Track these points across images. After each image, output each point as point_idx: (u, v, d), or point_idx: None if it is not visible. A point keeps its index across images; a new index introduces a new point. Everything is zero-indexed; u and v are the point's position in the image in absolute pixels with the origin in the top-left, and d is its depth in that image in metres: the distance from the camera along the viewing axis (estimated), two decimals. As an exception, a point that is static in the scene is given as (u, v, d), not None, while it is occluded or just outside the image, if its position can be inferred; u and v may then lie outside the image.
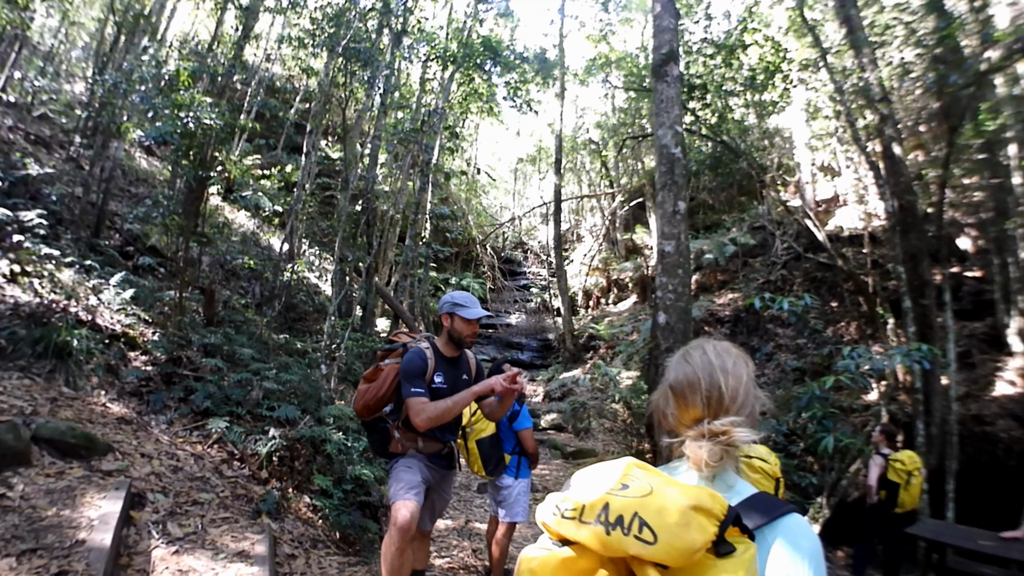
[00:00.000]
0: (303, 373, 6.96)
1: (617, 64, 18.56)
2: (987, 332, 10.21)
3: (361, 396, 3.28)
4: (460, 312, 3.13)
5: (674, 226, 7.12)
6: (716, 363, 1.11)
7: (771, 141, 17.27)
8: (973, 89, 8.26)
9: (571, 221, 26.42)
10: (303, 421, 5.38)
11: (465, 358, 3.34)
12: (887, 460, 5.92)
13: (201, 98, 6.88)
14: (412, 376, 3.01)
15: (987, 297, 10.40)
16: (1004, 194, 9.33)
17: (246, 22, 9.88)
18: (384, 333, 12.64)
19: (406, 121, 12.88)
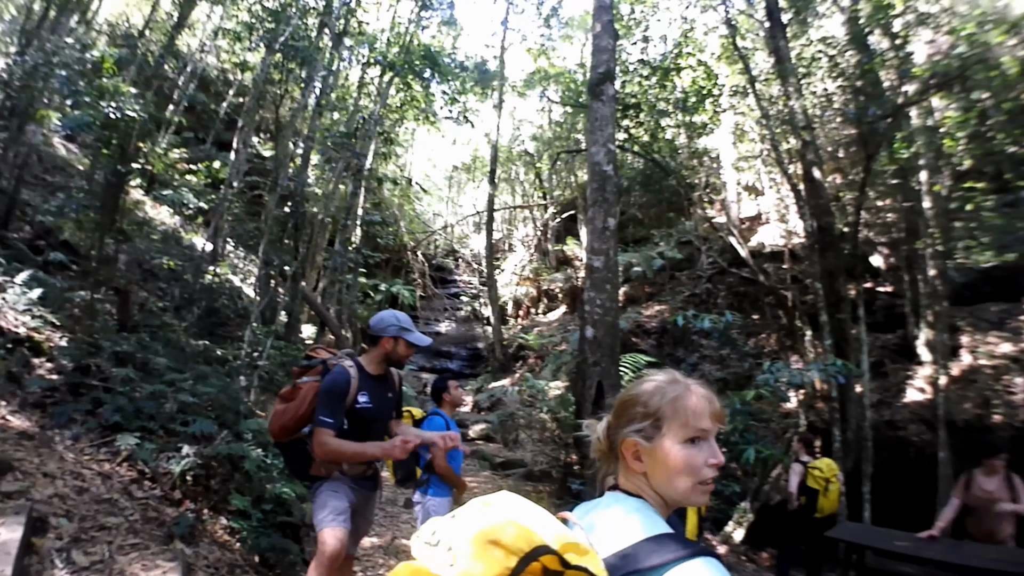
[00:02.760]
0: (222, 384, 6.62)
1: (555, 79, 18.88)
2: (898, 343, 11.00)
3: (278, 417, 3.12)
4: (408, 337, 3.07)
5: (604, 242, 7.27)
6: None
7: (700, 161, 17.99)
8: (890, 120, 8.89)
9: (503, 231, 26.53)
10: (220, 436, 5.09)
11: (390, 376, 3.27)
12: (806, 468, 6.25)
13: (126, 87, 6.48)
14: (331, 400, 2.91)
15: (898, 311, 11.19)
16: (915, 216, 10.06)
17: (182, 10, 9.39)
18: (310, 340, 12.24)
19: (341, 123, 12.60)
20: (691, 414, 1.05)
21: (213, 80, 12.78)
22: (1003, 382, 8.71)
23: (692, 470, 1.03)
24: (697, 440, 1.05)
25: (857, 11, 10.46)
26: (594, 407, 6.55)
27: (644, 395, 1.10)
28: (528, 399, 13.54)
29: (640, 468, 1.08)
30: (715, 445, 1.07)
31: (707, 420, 1.05)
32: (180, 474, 4.37)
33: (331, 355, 3.31)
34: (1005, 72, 8.02)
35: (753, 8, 13.26)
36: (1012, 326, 9.57)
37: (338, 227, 13.16)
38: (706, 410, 1.06)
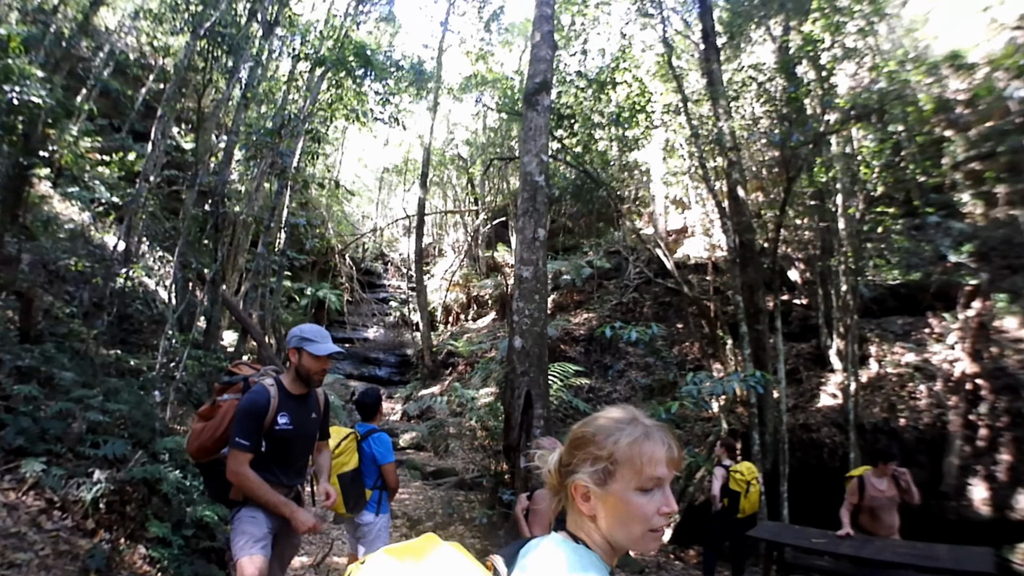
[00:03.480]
0: (135, 399, 6.11)
1: (492, 84, 18.77)
2: (812, 352, 11.66)
3: (196, 436, 2.90)
4: (308, 348, 2.88)
5: (533, 252, 7.25)
6: None
7: (630, 174, 18.40)
8: (811, 146, 9.37)
9: (434, 235, 26.17)
10: (134, 458, 4.68)
11: (314, 396, 3.09)
12: (728, 471, 6.52)
13: (33, 70, 5.78)
14: (247, 420, 2.74)
15: (812, 322, 11.90)
16: (830, 235, 10.69)
17: None
18: (231, 348, 11.51)
19: (268, 118, 11.92)
20: (647, 461, 0.99)
21: (131, 64, 11.75)
22: (908, 389, 9.41)
23: (643, 519, 0.99)
24: (651, 489, 1.00)
25: (787, 41, 10.99)
26: (523, 417, 6.59)
27: (600, 435, 1.03)
28: (457, 408, 13.36)
29: (589, 511, 1.02)
30: (669, 492, 1.02)
31: (663, 468, 1.00)
32: (92, 501, 4.01)
33: (254, 371, 3.12)
34: (920, 108, 8.60)
35: (690, 30, 13.69)
36: (916, 338, 10.35)
37: (262, 228, 12.44)
38: (663, 457, 1.00)
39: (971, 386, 8.48)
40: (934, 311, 10.46)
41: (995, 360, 8.53)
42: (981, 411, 8.30)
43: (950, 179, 11.17)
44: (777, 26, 11.22)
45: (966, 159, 10.87)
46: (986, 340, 8.62)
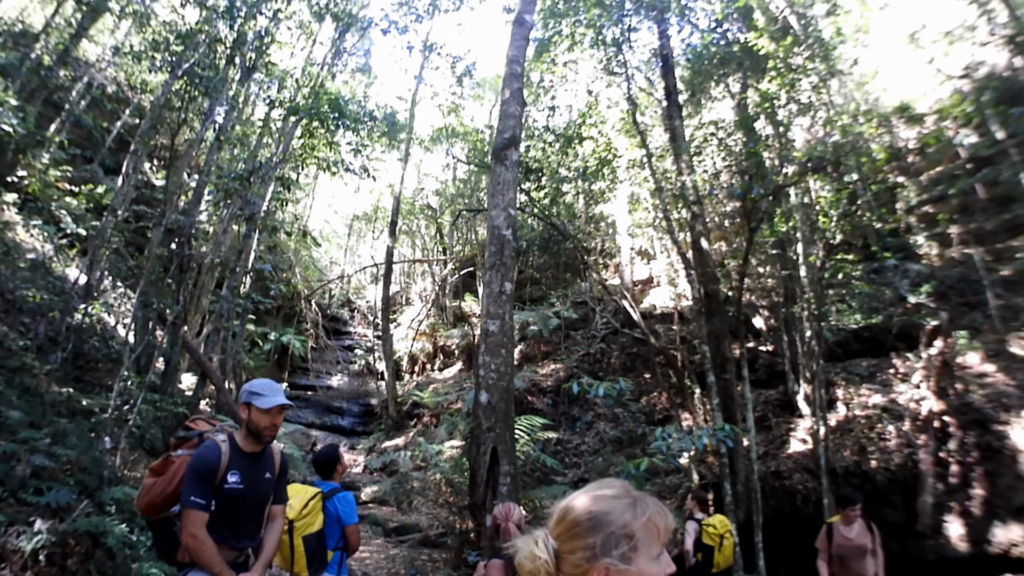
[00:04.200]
0: (84, 443, 5.76)
1: (463, 137, 19.18)
2: (779, 398, 11.78)
3: (146, 492, 2.76)
4: (256, 402, 2.76)
5: (500, 306, 7.18)
6: None
7: (596, 226, 18.77)
8: (771, 198, 9.73)
9: (401, 284, 26.04)
10: (79, 507, 4.40)
11: (268, 453, 2.95)
12: (700, 525, 6.37)
13: (6, 96, 5.64)
14: (198, 477, 2.62)
15: (779, 368, 12.06)
16: (792, 283, 10.98)
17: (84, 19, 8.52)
18: (189, 392, 11.01)
19: (240, 161, 11.86)
20: (662, 530, 1.08)
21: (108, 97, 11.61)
22: (877, 430, 9.53)
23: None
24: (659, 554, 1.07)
25: (745, 98, 11.57)
26: (488, 474, 6.39)
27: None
28: (421, 463, 12.99)
29: None
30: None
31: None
32: (32, 552, 3.76)
33: (210, 427, 3.00)
34: (873, 158, 9.08)
35: (653, 87, 14.30)
36: (881, 379, 10.57)
37: (227, 272, 12.17)
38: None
39: (939, 424, 8.64)
40: (897, 352, 10.77)
41: (960, 396, 8.76)
42: (951, 447, 8.43)
43: (905, 223, 11.76)
44: (736, 83, 11.82)
45: (919, 203, 11.49)
46: (950, 377, 8.87)
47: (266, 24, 11.68)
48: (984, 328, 9.89)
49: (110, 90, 11.46)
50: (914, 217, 11.82)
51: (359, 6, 15.29)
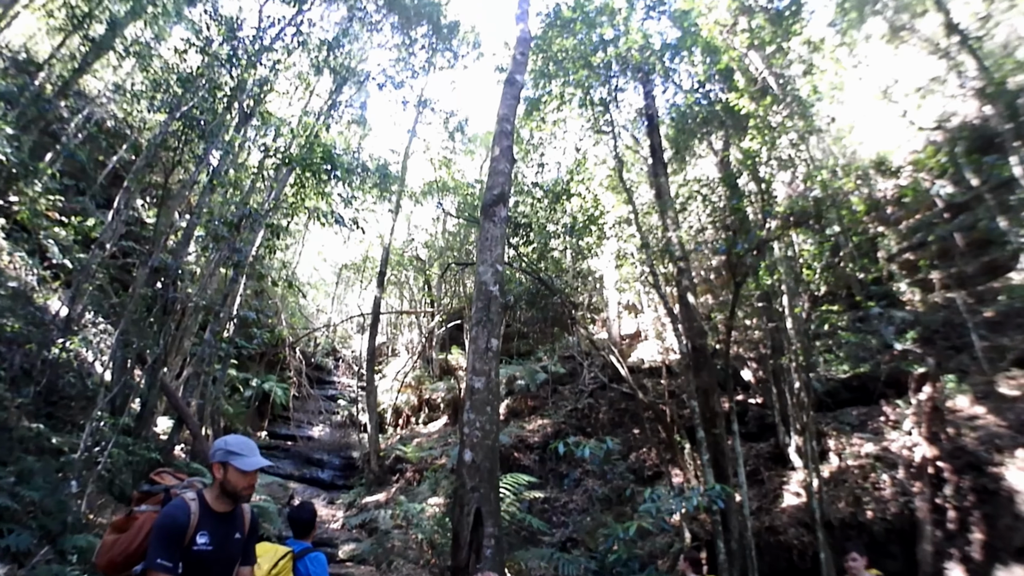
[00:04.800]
0: (51, 484, 5.52)
1: (454, 191, 19.49)
2: (771, 451, 11.60)
3: (107, 549, 2.60)
4: (235, 462, 2.64)
5: (486, 363, 7.03)
6: None
7: (584, 280, 18.89)
8: (755, 253, 9.88)
9: (388, 334, 25.82)
10: (40, 553, 4.17)
11: (239, 513, 2.82)
12: None
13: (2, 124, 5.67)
14: (166, 538, 2.47)
15: (768, 421, 11.91)
16: (779, 334, 11.01)
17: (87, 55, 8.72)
18: (164, 435, 10.64)
19: (232, 203, 11.93)
20: None
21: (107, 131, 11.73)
22: (871, 480, 9.37)
23: None
24: None
25: (727, 155, 11.94)
26: (472, 536, 6.14)
27: None
28: (402, 522, 12.55)
29: None
30: None
31: None
32: None
33: (177, 482, 2.87)
34: (853, 211, 9.32)
35: (639, 145, 14.71)
36: (873, 427, 10.50)
37: (212, 314, 12.03)
38: None
39: (933, 470, 8.54)
40: (887, 399, 10.74)
41: (953, 440, 8.69)
42: (947, 493, 8.30)
43: (887, 271, 11.96)
44: (718, 141, 12.20)
45: (900, 251, 11.73)
46: (941, 422, 8.82)
47: (266, 74, 12.03)
48: (972, 370, 9.94)
49: (109, 124, 11.62)
50: (896, 265, 12.06)
51: (357, 60, 15.81)
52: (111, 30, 9.17)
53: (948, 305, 11.47)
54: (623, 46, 12.63)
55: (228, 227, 10.20)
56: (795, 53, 10.56)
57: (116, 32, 9.27)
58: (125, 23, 9.51)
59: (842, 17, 11.78)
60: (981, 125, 11.75)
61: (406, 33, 17.86)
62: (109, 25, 9.15)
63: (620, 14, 12.69)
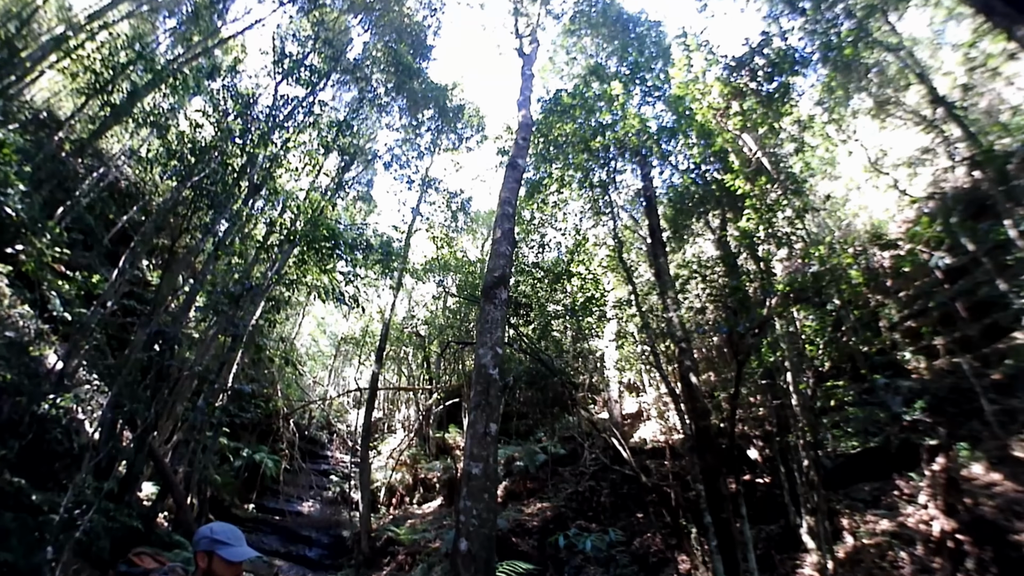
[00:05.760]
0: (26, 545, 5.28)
1: (455, 268, 19.73)
2: (781, 533, 11.04)
3: None
4: (221, 552, 2.56)
5: (484, 448, 6.83)
6: None
7: (584, 360, 18.76)
8: (756, 331, 9.86)
9: (385, 410, 25.33)
10: None
11: None
12: None
13: (16, 180, 5.86)
14: None
15: (778, 500, 11.39)
16: (784, 411, 10.77)
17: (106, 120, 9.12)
18: (148, 502, 10.23)
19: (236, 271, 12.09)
20: None
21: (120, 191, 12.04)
22: (888, 558, 8.89)
23: None
24: None
25: (725, 234, 12.17)
26: None
27: None
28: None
29: None
30: None
31: None
32: None
33: (157, 566, 2.82)
34: (852, 284, 9.39)
35: (638, 225, 15.02)
36: (886, 503, 10.05)
37: (208, 381, 11.90)
38: None
39: (953, 543, 8.11)
40: (900, 472, 10.35)
41: (971, 511, 8.30)
42: (969, 567, 7.83)
43: (890, 340, 11.85)
44: (715, 219, 12.47)
45: (901, 319, 11.66)
46: (957, 492, 8.46)
47: (276, 151, 12.52)
48: (984, 436, 9.65)
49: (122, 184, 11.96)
50: (898, 333, 11.99)
51: (366, 139, 16.48)
52: (131, 98, 9.68)
53: (954, 370, 11.29)
54: (621, 130, 13.12)
55: (229, 299, 10.29)
56: (786, 132, 11.00)
57: (136, 99, 9.79)
58: (145, 92, 10.07)
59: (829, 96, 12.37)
60: (972, 190, 12.03)
61: (413, 115, 18.77)
62: (129, 94, 9.66)
63: (618, 100, 13.27)
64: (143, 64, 9.76)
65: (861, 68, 13.92)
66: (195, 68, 11.01)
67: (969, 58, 13.69)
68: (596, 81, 14.39)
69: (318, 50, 13.49)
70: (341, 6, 16.22)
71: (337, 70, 14.69)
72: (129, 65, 9.65)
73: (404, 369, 26.42)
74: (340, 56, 14.75)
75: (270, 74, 12.57)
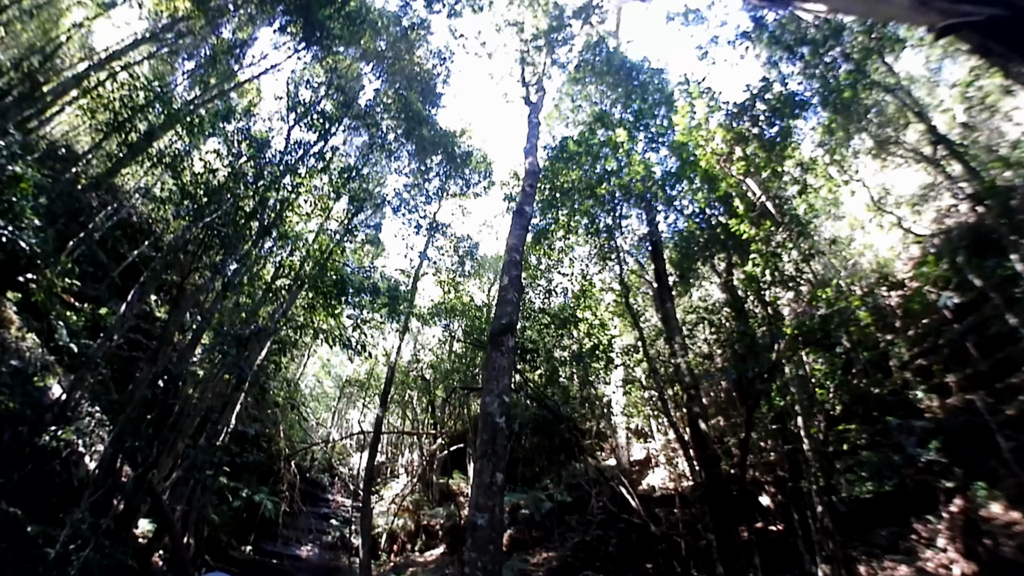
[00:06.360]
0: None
1: (462, 314, 19.74)
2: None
3: None
4: None
5: (490, 498, 6.66)
6: None
7: (591, 407, 18.55)
8: (765, 376, 9.74)
9: (388, 454, 24.95)
10: None
11: None
12: None
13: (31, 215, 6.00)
14: None
15: (792, 549, 10.95)
16: (796, 456, 10.51)
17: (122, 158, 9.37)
18: (143, 540, 10.02)
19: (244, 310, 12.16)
20: None
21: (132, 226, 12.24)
22: None
23: None
24: None
25: (731, 278, 12.17)
26: None
27: None
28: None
29: None
30: None
31: None
32: None
33: None
34: (861, 325, 9.29)
35: (644, 270, 15.07)
36: (904, 547, 9.68)
37: (210, 420, 11.82)
38: None
39: None
40: (917, 515, 10.00)
41: (991, 552, 7.98)
42: None
43: (901, 379, 11.62)
44: (721, 263, 12.49)
45: (911, 358, 11.46)
46: (976, 534, 8.16)
47: (287, 194, 12.76)
48: (1001, 474, 9.33)
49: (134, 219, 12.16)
50: (909, 372, 11.77)
51: (375, 184, 16.80)
52: (147, 137, 9.98)
53: (968, 408, 11.04)
54: (626, 176, 13.29)
55: (235, 342, 10.33)
56: (789, 175, 11.12)
57: (152, 139, 10.09)
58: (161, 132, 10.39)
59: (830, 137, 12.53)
60: (977, 225, 11.98)
61: (422, 160, 19.18)
62: (146, 133, 9.97)
63: (622, 147, 13.51)
64: (160, 105, 10.13)
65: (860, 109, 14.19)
66: (211, 110, 11.38)
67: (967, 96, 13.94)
68: (601, 128, 14.68)
69: (330, 96, 13.91)
70: (354, 54, 16.83)
71: (348, 116, 15.09)
72: (147, 106, 10.01)
73: (408, 413, 26.15)
74: (352, 102, 15.20)
75: (283, 118, 12.95)
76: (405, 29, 17.11)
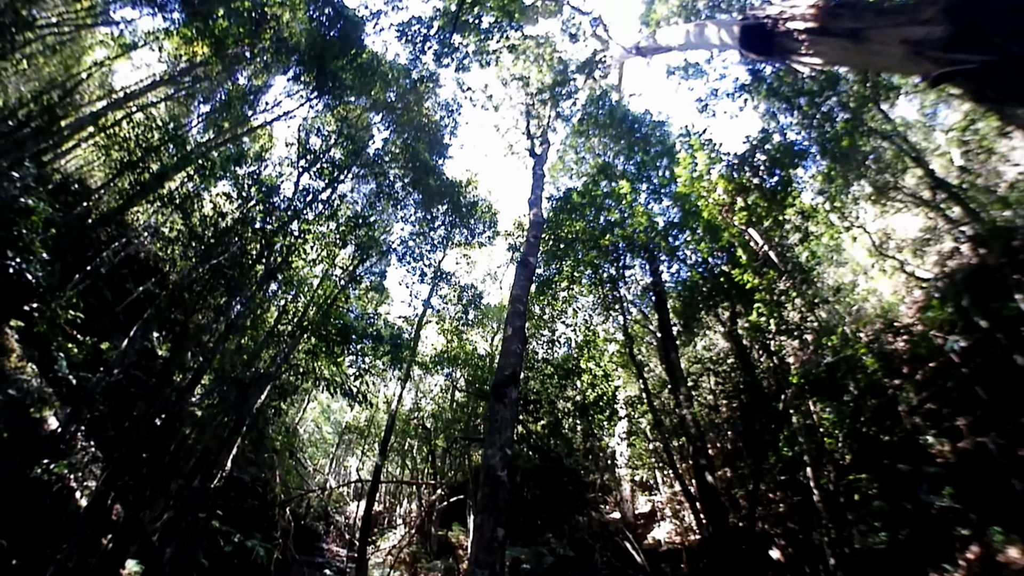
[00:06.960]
0: None
1: (464, 362, 19.65)
2: (816, 638, 10.05)
3: None
4: None
5: (491, 554, 6.46)
6: None
7: (595, 459, 18.22)
8: (772, 427, 9.58)
9: (386, 503, 24.32)
10: None
11: None
12: None
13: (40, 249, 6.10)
14: None
15: None
16: (806, 507, 10.22)
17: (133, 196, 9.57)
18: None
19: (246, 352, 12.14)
20: None
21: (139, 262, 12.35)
22: None
23: None
24: None
25: (736, 327, 12.13)
26: None
27: None
28: None
29: None
30: None
31: None
32: None
33: None
34: (868, 372, 9.18)
35: (648, 320, 15.06)
36: None
37: (206, 462, 11.63)
38: None
39: None
40: (933, 564, 9.58)
41: None
42: None
43: (910, 424, 11.34)
44: (725, 311, 12.48)
45: (920, 402, 11.22)
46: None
47: (294, 239, 12.93)
48: (1018, 516, 8.98)
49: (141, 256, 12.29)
50: (918, 417, 11.52)
51: (381, 231, 17.01)
52: (159, 177, 10.23)
53: (979, 450, 10.75)
54: (629, 227, 13.46)
55: (235, 386, 10.29)
56: (790, 223, 11.23)
57: (164, 179, 10.34)
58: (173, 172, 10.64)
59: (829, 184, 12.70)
60: (979, 267, 11.94)
61: (428, 209, 19.50)
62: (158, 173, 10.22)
63: (626, 198, 13.73)
64: (174, 146, 10.43)
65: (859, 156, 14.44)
66: (223, 154, 11.69)
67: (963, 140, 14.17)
68: (604, 179, 14.96)
69: (340, 144, 14.27)
70: (364, 103, 17.35)
71: (357, 164, 15.45)
72: (161, 146, 10.32)
73: (408, 462, 25.63)
74: (361, 151, 15.59)
75: (293, 164, 13.25)
76: (414, 81, 17.67)
